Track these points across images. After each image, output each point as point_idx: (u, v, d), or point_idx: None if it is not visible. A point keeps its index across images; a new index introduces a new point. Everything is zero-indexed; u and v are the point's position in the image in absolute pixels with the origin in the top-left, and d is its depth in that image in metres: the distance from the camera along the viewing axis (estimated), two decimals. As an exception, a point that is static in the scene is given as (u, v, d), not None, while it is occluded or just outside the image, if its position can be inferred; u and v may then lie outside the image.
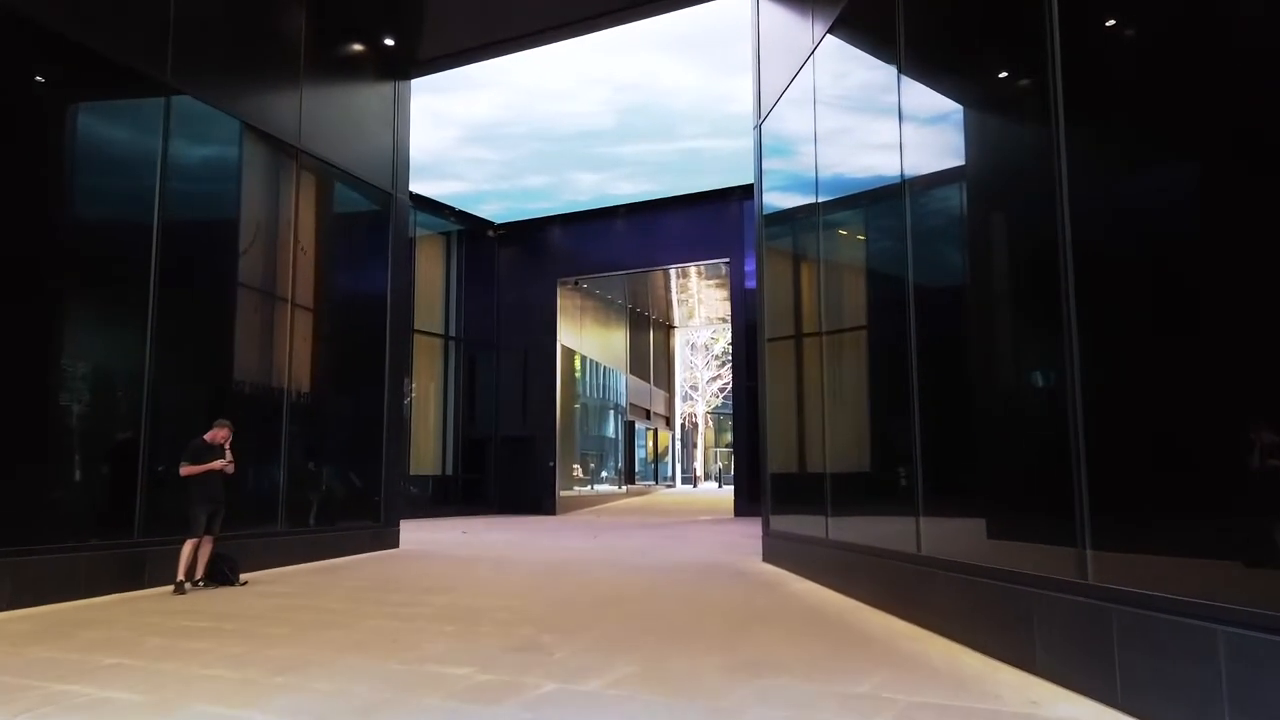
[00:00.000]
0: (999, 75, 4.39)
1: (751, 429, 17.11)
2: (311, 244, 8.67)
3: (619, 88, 14.56)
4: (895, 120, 5.17)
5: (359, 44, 9.45)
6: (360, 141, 9.40)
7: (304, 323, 8.51)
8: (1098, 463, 3.27)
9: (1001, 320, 4.34)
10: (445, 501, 17.93)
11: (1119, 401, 3.31)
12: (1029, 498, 4.00)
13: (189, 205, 7.21)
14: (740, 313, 17.70)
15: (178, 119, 6.97)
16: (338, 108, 9.12)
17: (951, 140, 4.88)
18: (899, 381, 5.24)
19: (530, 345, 19.04)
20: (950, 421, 4.77)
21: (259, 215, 8.09)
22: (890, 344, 5.61)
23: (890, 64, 5.29)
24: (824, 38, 6.49)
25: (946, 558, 4.49)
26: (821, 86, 6.60)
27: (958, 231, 4.83)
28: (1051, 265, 3.51)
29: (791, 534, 7.27)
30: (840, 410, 6.31)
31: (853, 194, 6.35)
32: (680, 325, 35.38)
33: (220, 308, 7.59)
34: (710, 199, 17.87)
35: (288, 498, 8.10)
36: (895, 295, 5.36)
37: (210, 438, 6.68)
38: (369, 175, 9.46)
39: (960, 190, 4.76)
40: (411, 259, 17.88)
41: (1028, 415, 4.03)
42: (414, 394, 18.25)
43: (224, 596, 6.21)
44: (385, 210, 9.72)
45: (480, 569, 7.82)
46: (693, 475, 44.79)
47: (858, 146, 6.34)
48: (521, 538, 11.58)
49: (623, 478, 27.28)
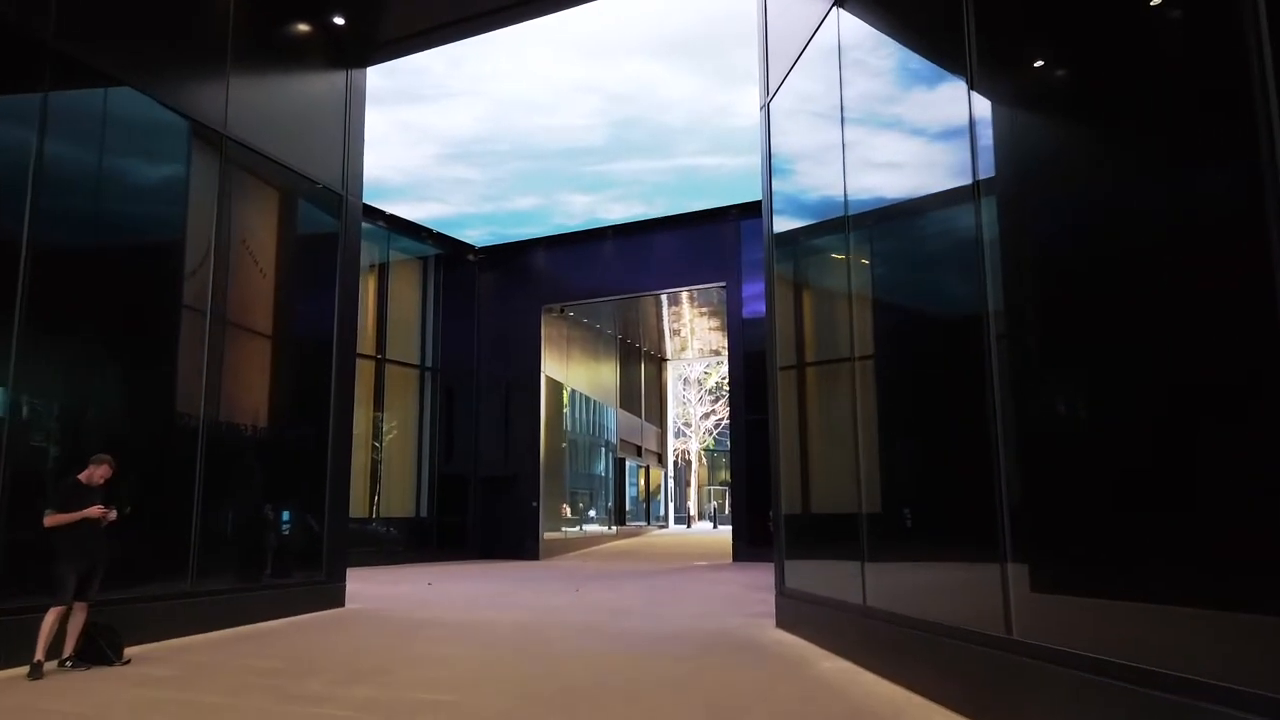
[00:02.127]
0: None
1: (751, 466, 15.73)
2: (240, 249, 7.34)
3: (610, 97, 13.36)
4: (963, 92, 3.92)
5: (303, 23, 8.21)
6: (305, 134, 8.12)
7: (227, 343, 7.15)
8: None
9: (1098, 337, 3.08)
10: (420, 546, 16.45)
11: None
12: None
13: (73, 196, 5.90)
14: (738, 341, 16.40)
15: (63, 89, 5.69)
16: (277, 93, 7.85)
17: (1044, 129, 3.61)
18: (966, 408, 3.94)
19: (513, 377, 17.68)
20: (1047, 451, 3.46)
21: (168, 212, 6.77)
22: (953, 365, 4.31)
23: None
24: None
25: (1068, 650, 3.12)
26: (849, 46, 5.36)
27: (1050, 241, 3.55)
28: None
29: (815, 596, 5.88)
30: (879, 440, 4.98)
31: (892, 203, 5.08)
32: (673, 358, 34.07)
33: (112, 323, 6.23)
34: (705, 219, 16.66)
35: (201, 550, 6.69)
36: (961, 311, 4.12)
37: (85, 478, 5.30)
38: (315, 172, 8.16)
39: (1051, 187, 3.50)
40: (384, 284, 16.65)
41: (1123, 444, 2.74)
42: (393, 432, 16.85)
43: (90, 682, 4.80)
44: (334, 215, 8.41)
45: (431, 639, 6.39)
46: (686, 515, 43.16)
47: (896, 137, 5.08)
48: (494, 590, 10.14)
49: (613, 518, 25.76)
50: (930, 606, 4.29)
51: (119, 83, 6.24)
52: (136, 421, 6.40)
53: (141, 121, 6.55)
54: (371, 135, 14.15)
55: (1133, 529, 2.97)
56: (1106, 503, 3.12)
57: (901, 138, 4.93)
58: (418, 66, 12.79)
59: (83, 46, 5.88)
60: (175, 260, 6.78)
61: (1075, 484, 3.31)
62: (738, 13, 11.32)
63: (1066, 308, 3.39)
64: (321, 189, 8.25)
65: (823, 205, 6.15)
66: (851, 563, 5.22)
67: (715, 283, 17.04)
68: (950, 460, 4.37)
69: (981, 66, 3.86)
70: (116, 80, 6.22)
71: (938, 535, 4.47)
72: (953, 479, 4.34)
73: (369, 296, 16.58)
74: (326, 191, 8.30)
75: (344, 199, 8.44)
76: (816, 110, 6.21)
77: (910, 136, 4.81)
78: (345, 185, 8.47)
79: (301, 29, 8.21)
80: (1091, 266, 3.25)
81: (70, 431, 5.89)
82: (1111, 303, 3.09)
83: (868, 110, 5.30)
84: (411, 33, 8.31)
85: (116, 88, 6.24)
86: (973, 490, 3.86)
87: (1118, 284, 3.08)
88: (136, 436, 6.34)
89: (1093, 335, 3.20)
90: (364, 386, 15.98)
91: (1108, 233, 3.15)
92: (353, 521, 15.33)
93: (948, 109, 4.12)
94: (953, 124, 4.09)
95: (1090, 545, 3.23)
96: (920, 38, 4.65)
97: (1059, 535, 3.44)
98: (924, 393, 4.67)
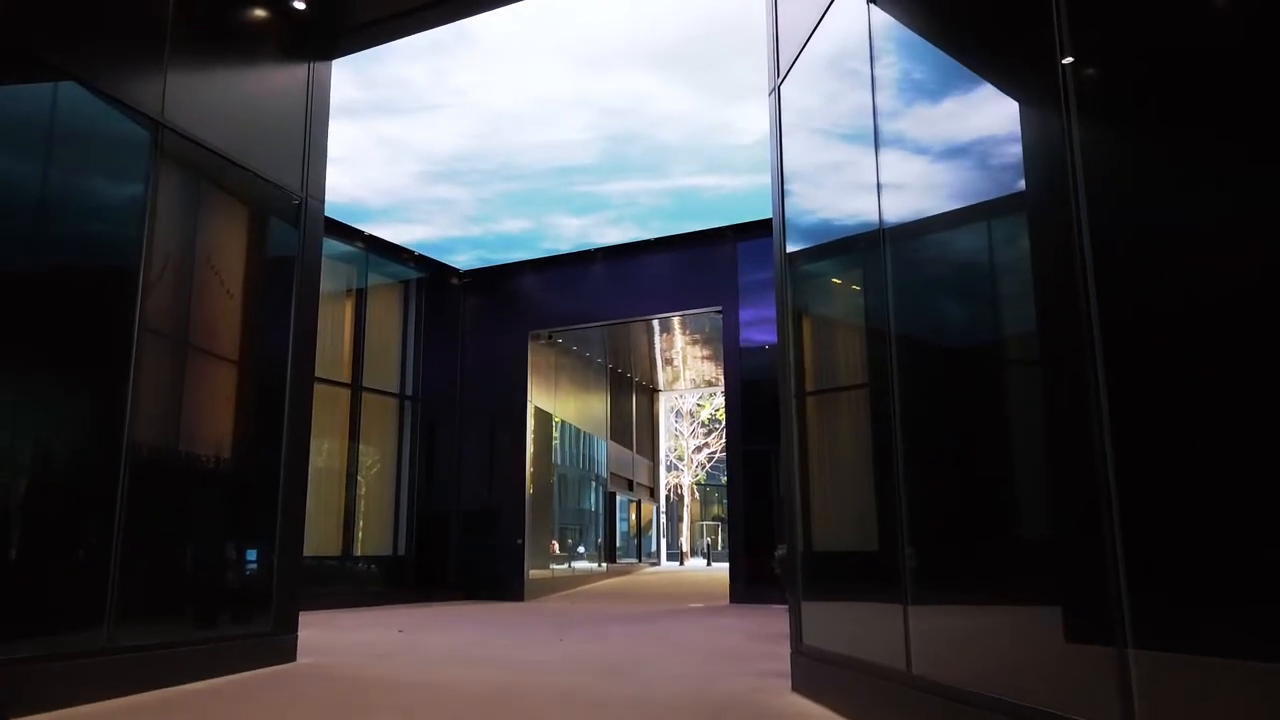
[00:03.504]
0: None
1: (749, 500, 14.82)
2: (176, 252, 6.44)
3: (602, 111, 12.60)
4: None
5: (258, 5, 7.38)
6: (260, 129, 7.25)
7: (158, 359, 6.22)
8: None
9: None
10: (397, 586, 15.42)
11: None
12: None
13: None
14: (735, 369, 15.53)
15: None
16: (224, 80, 7.00)
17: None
18: (1060, 425, 3.06)
19: (498, 407, 16.77)
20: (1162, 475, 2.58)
21: (90, 205, 5.87)
22: (1015, 384, 3.45)
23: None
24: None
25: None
26: (879, 23, 4.56)
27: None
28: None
29: (841, 657, 4.93)
30: (922, 467, 4.08)
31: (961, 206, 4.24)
32: (665, 389, 33.19)
33: (15, 331, 5.31)
34: (700, 240, 15.89)
35: (121, 598, 5.71)
36: (1013, 331, 3.27)
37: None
38: (270, 172, 7.28)
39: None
40: (362, 307, 15.76)
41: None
42: (376, 467, 15.87)
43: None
44: (290, 217, 7.52)
45: (379, 709, 5.39)
46: (679, 551, 42.00)
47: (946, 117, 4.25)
48: (470, 640, 9.13)
49: (603, 555, 24.70)
50: (1007, 677, 3.36)
51: (30, 57, 5.38)
52: (36, 442, 5.45)
53: (63, 104, 5.68)
54: (349, 151, 13.36)
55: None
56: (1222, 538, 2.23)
57: (956, 125, 4.09)
58: (397, 78, 12.02)
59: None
60: (92, 262, 5.87)
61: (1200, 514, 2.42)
62: (737, 20, 10.59)
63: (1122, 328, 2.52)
64: (277, 190, 7.36)
65: (845, 215, 5.30)
66: (888, 607, 4.29)
67: (711, 307, 16.21)
68: (1019, 485, 3.47)
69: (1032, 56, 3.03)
70: (23, 54, 5.36)
71: (1002, 573, 3.57)
72: (1021, 507, 3.44)
73: (346, 321, 15.68)
74: (283, 193, 7.41)
75: (303, 201, 7.56)
76: (838, 95, 5.39)
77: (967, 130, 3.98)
78: (305, 187, 7.60)
79: (256, 13, 7.38)
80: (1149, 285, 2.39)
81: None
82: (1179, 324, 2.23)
83: (909, 95, 4.47)
84: (381, 17, 7.46)
85: (34, 65, 5.38)
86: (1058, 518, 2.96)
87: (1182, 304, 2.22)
88: (35, 461, 5.39)
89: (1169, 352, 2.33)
90: (339, 416, 15.05)
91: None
92: (324, 560, 14.35)
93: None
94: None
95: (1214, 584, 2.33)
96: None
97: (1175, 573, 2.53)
98: (977, 414, 3.79)
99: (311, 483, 14.59)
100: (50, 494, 5.45)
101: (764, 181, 14.49)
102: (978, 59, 3.89)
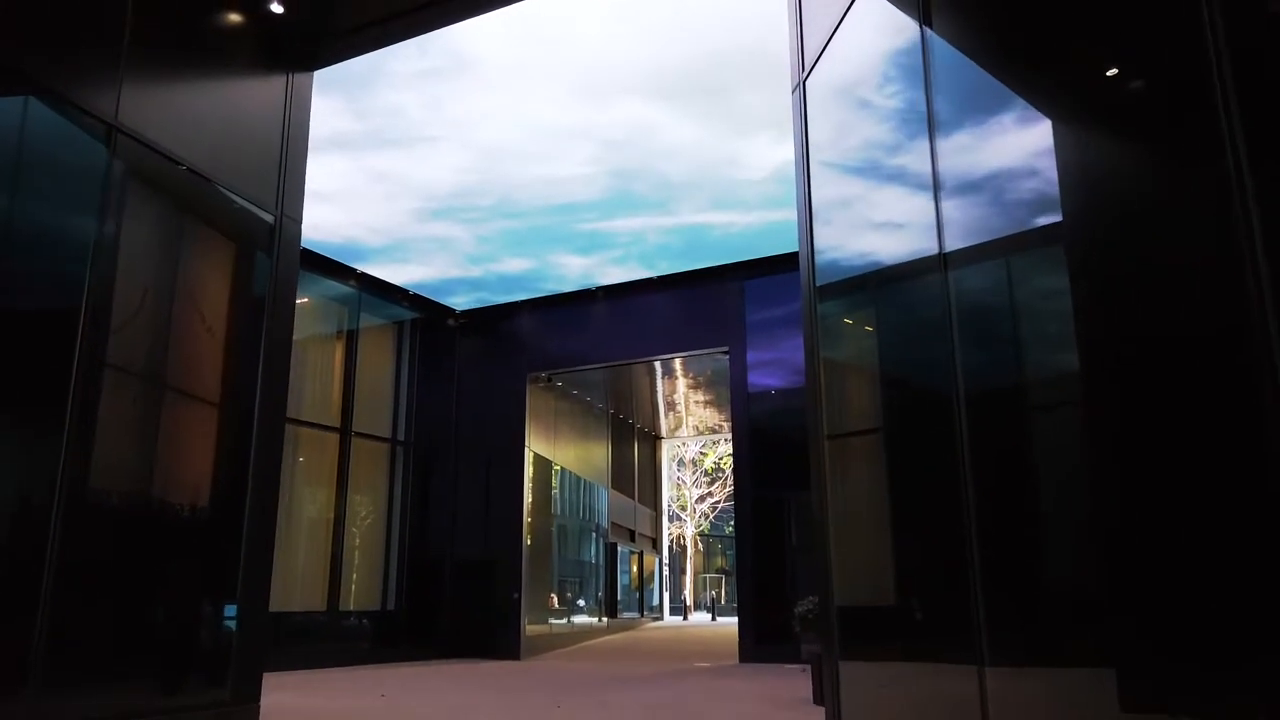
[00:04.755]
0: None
1: (759, 550, 13.97)
2: (130, 273, 5.78)
3: (606, 144, 12.06)
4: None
5: (232, 8, 6.83)
6: (228, 137, 6.65)
7: (104, 395, 5.52)
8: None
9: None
10: (386, 642, 14.49)
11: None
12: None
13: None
14: (743, 413, 14.76)
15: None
16: (191, 85, 6.41)
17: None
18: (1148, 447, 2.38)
19: (495, 452, 16.02)
20: None
21: (31, 216, 5.23)
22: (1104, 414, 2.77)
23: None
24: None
25: None
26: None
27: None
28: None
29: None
30: (997, 506, 3.36)
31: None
32: (668, 436, 32.37)
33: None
34: (705, 279, 15.29)
35: (48, 663, 4.93)
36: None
37: None
38: (238, 185, 6.66)
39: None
40: (353, 348, 15.10)
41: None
42: (369, 519, 15.07)
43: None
44: (263, 239, 6.88)
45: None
46: (683, 605, 40.76)
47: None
48: (456, 707, 8.26)
49: (603, 609, 23.68)
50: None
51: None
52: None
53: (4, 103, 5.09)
54: (343, 186, 12.80)
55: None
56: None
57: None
58: (391, 107, 11.52)
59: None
60: (26, 286, 5.20)
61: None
62: (747, 45, 10.10)
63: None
64: (249, 207, 6.74)
65: (888, 238, 4.65)
66: (959, 669, 3.53)
67: (716, 348, 15.53)
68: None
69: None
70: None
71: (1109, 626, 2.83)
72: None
73: (335, 362, 15.01)
74: (255, 210, 6.78)
75: (278, 220, 6.92)
76: (881, 89, 4.77)
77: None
78: (281, 206, 6.97)
79: (230, 17, 6.82)
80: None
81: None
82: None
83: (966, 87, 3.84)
84: (365, 22, 6.90)
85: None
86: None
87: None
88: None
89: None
90: (326, 461, 14.31)
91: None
92: (309, 615, 13.49)
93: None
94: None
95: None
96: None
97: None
98: (1074, 442, 3.09)
99: (296, 532, 13.93)
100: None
101: (776, 218, 13.93)
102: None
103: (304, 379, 14.09)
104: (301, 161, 7.24)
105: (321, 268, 14.28)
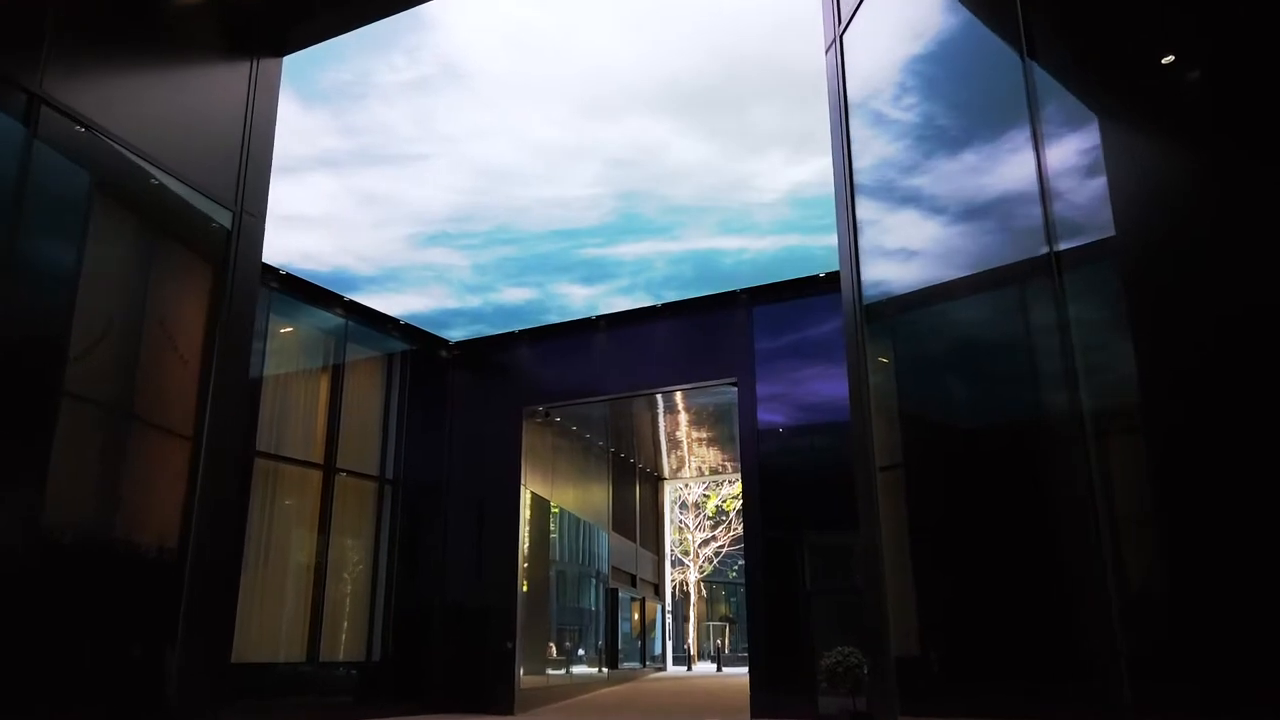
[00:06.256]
0: None
1: (772, 594, 12.97)
2: (49, 272, 4.97)
3: (611, 163, 11.33)
4: None
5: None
6: (180, 121, 5.89)
7: (18, 413, 4.69)
8: None
9: None
10: (371, 695, 13.46)
11: None
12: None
13: None
14: (752, 450, 13.75)
15: None
16: (138, 61, 5.68)
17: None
18: None
19: (489, 492, 15.13)
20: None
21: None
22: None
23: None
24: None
25: None
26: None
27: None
28: None
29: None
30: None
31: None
32: (669, 477, 31.35)
33: None
34: (710, 306, 14.49)
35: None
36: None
37: None
38: (190, 173, 5.89)
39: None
40: (339, 381, 14.28)
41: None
42: (359, 565, 14.11)
43: None
44: (217, 234, 6.09)
45: None
46: (687, 654, 39.33)
47: None
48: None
49: (604, 659, 22.52)
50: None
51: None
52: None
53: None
54: (331, 210, 12.06)
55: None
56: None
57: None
58: (379, 122, 10.83)
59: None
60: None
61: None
62: (758, 57, 9.41)
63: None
64: (202, 200, 5.96)
65: (972, 234, 3.85)
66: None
67: (723, 379, 14.65)
68: None
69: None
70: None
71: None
72: None
73: (320, 395, 14.17)
74: (209, 203, 6.01)
75: (237, 215, 6.14)
76: (945, 40, 4.01)
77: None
78: (240, 199, 6.19)
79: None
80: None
81: None
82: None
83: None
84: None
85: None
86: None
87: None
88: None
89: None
90: (308, 500, 13.41)
91: None
92: (288, 666, 12.50)
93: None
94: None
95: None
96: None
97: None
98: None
99: (274, 576, 12.92)
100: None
101: (790, 242, 13.19)
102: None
103: (286, 412, 13.27)
104: (267, 154, 6.49)
105: (306, 295, 13.54)
